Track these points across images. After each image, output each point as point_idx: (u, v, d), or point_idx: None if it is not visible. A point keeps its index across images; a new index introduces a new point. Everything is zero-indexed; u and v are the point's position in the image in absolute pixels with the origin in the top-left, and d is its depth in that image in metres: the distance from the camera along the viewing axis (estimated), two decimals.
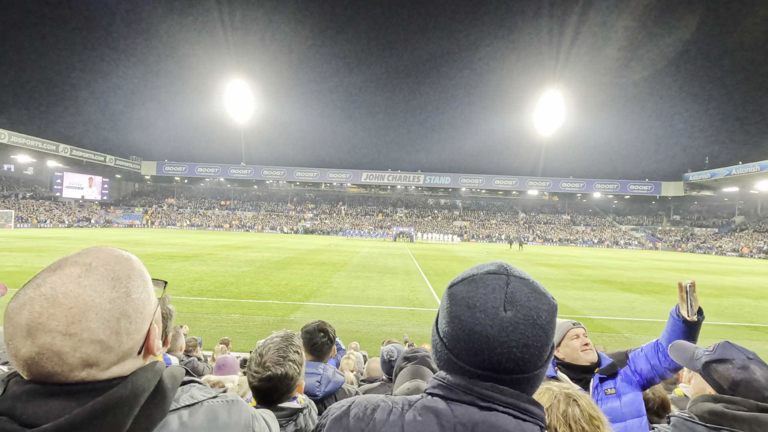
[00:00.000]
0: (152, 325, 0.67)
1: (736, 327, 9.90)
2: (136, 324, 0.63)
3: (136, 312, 0.63)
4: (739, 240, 51.44)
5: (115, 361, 0.60)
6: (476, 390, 0.66)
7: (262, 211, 67.82)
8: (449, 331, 0.69)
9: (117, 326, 0.60)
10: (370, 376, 3.57)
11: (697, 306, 1.85)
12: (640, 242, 58.22)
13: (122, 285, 0.62)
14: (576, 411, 1.15)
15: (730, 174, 50.99)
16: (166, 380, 0.64)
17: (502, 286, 0.68)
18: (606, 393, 1.88)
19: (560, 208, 73.09)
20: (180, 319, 8.36)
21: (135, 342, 0.63)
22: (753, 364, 1.23)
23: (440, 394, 0.69)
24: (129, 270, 0.65)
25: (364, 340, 7.51)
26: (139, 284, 0.65)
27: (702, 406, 1.20)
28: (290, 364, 1.34)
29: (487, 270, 0.72)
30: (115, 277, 0.62)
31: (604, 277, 18.62)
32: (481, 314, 0.66)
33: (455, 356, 0.68)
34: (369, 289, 13.14)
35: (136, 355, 0.64)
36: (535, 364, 0.67)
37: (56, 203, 55.05)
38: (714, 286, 17.09)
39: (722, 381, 1.24)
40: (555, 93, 70.76)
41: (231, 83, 72.95)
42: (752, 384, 1.19)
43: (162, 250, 23.09)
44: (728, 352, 1.27)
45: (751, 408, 1.14)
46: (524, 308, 0.66)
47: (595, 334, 8.66)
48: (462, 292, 0.70)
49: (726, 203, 64.75)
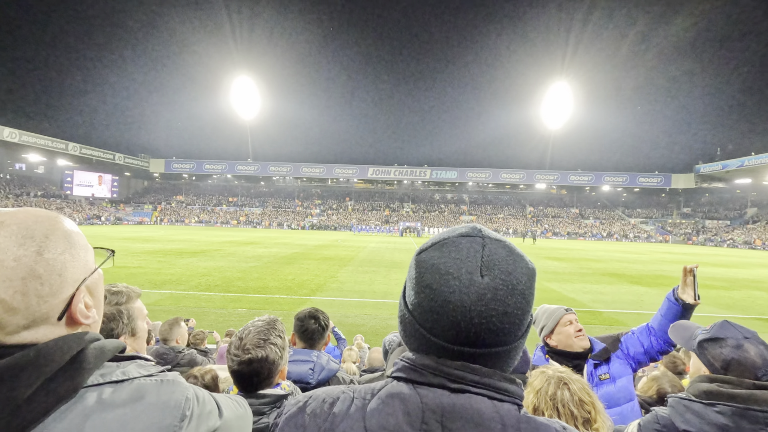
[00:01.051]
0: (78, 290, 0.61)
1: (748, 320, 9.77)
2: (51, 287, 0.57)
3: (51, 273, 0.57)
4: (752, 232, 50.65)
5: (25, 324, 0.55)
6: (445, 370, 0.59)
7: (269, 207, 68.17)
8: (419, 302, 0.61)
9: (23, 287, 0.54)
10: (371, 366, 3.57)
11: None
12: (649, 235, 57.60)
13: (33, 243, 0.57)
14: (565, 394, 1.13)
15: (743, 165, 50.13)
16: (89, 353, 0.58)
17: (477, 249, 0.60)
18: (600, 378, 1.86)
19: (568, 202, 72.50)
20: (188, 313, 8.44)
21: (51, 307, 0.57)
22: (748, 342, 1.19)
23: (406, 377, 0.61)
24: (48, 229, 0.59)
25: (370, 333, 7.52)
26: (58, 245, 0.59)
27: (698, 386, 1.17)
28: (271, 347, 1.27)
29: (460, 233, 0.63)
30: (27, 235, 0.57)
31: (612, 270, 18.46)
32: (455, 281, 0.58)
33: (427, 330, 0.60)
34: (375, 283, 13.16)
35: (55, 321, 0.58)
36: (515, 334, 0.60)
37: (67, 201, 55.80)
38: (725, 279, 16.87)
39: (714, 360, 1.21)
40: (563, 85, 70.10)
41: (237, 80, 73.29)
42: (745, 363, 1.16)
43: (171, 246, 23.32)
44: (724, 331, 1.23)
45: (748, 386, 1.11)
46: (503, 273, 0.58)
47: (603, 326, 8.59)
48: (432, 257, 0.61)
49: (738, 195, 63.72)
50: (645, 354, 1.94)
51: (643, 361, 1.96)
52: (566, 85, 70.37)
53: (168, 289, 11.01)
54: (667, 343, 1.93)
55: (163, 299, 9.75)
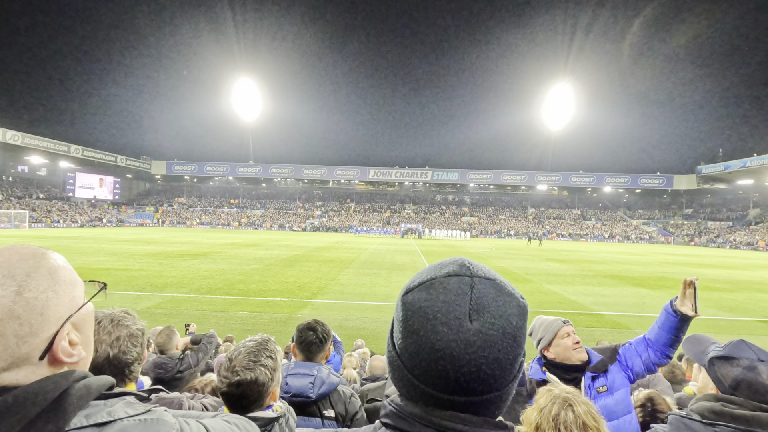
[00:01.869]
0: (61, 329, 0.58)
1: (750, 322, 9.73)
2: (31, 326, 0.55)
3: (31, 313, 0.55)
4: (754, 233, 50.46)
5: (4, 367, 0.53)
6: (434, 421, 0.56)
7: (271, 208, 68.24)
8: (406, 347, 0.58)
9: (1, 328, 0.52)
10: (372, 374, 3.56)
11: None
12: (651, 236, 57.46)
13: (14, 283, 0.55)
14: (569, 416, 1.11)
15: (745, 166, 50.01)
16: (72, 394, 0.55)
17: (466, 290, 0.57)
18: (598, 391, 1.85)
19: (570, 203, 72.39)
20: (189, 317, 8.44)
21: (31, 347, 0.55)
22: (762, 365, 1.15)
23: (394, 425, 0.59)
24: (30, 268, 0.57)
25: (371, 337, 7.51)
26: (41, 283, 0.57)
27: (702, 405, 1.15)
28: (261, 369, 1.25)
29: (447, 272, 0.60)
30: (8, 274, 0.55)
31: (614, 272, 18.40)
32: (443, 327, 0.55)
33: (415, 377, 0.57)
34: (377, 286, 13.14)
35: (36, 361, 0.55)
36: (506, 378, 0.57)
37: (69, 203, 55.98)
38: (728, 281, 16.80)
39: (724, 379, 1.18)
40: (564, 86, 70.03)
41: (239, 82, 73.46)
42: (755, 385, 1.13)
43: (172, 248, 23.35)
44: (738, 351, 1.20)
45: (753, 408, 1.09)
46: (492, 316, 0.56)
47: (605, 329, 8.56)
48: (419, 300, 0.58)
49: (740, 196, 63.51)
50: (643, 365, 1.93)
51: (641, 372, 1.94)
52: (568, 87, 70.36)
53: (169, 291, 11.01)
54: (665, 355, 1.92)
55: (165, 302, 9.76)
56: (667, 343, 1.90)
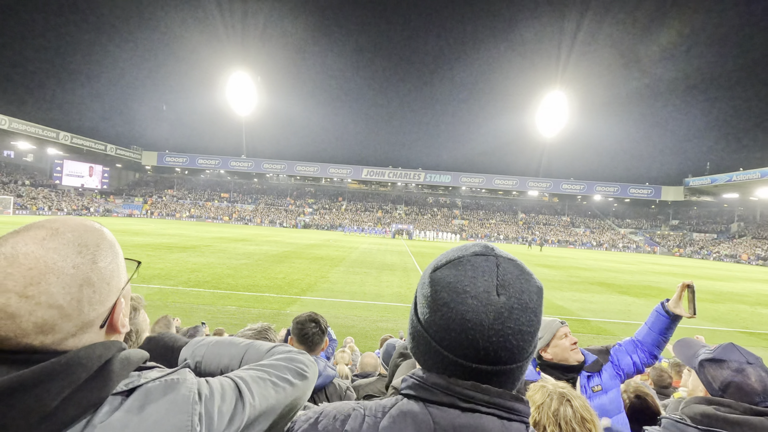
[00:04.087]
0: (119, 299, 0.62)
1: (732, 332, 9.92)
2: (101, 294, 0.59)
3: (102, 282, 0.59)
4: (737, 246, 51.48)
5: (74, 332, 0.55)
6: (456, 390, 0.60)
7: (262, 204, 67.74)
8: (435, 321, 0.62)
9: (79, 293, 0.56)
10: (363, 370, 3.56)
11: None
12: (638, 246, 58.27)
13: (89, 252, 0.59)
14: (568, 411, 1.13)
15: (731, 180, 50.94)
16: (116, 363, 0.58)
17: (492, 268, 0.62)
18: (593, 390, 1.89)
19: (560, 210, 73.09)
20: (176, 309, 8.36)
21: (98, 314, 0.58)
22: (750, 368, 1.19)
23: (416, 396, 0.63)
24: (98, 239, 0.61)
25: (360, 335, 7.50)
26: (107, 254, 0.61)
27: (693, 408, 1.17)
28: None
29: (474, 251, 0.65)
30: (83, 243, 0.59)
31: (601, 280, 18.64)
32: (473, 300, 0.59)
33: (444, 348, 0.61)
34: (366, 284, 13.13)
35: (98, 328, 0.59)
36: (527, 351, 0.62)
37: (56, 191, 54.90)
38: (711, 292, 17.13)
39: (714, 381, 1.21)
40: (557, 94, 70.64)
41: (233, 75, 72.77)
42: (744, 388, 1.16)
43: (160, 240, 23.06)
44: (728, 354, 1.24)
45: (745, 411, 1.11)
46: (517, 291, 0.61)
47: (591, 335, 8.66)
48: (449, 276, 0.63)
49: (725, 209, 64.74)
50: (633, 365, 1.99)
51: (630, 373, 2.00)
52: (560, 95, 70.96)
53: (156, 283, 10.88)
54: (652, 356, 1.99)
55: (152, 294, 9.63)
56: (654, 344, 1.99)
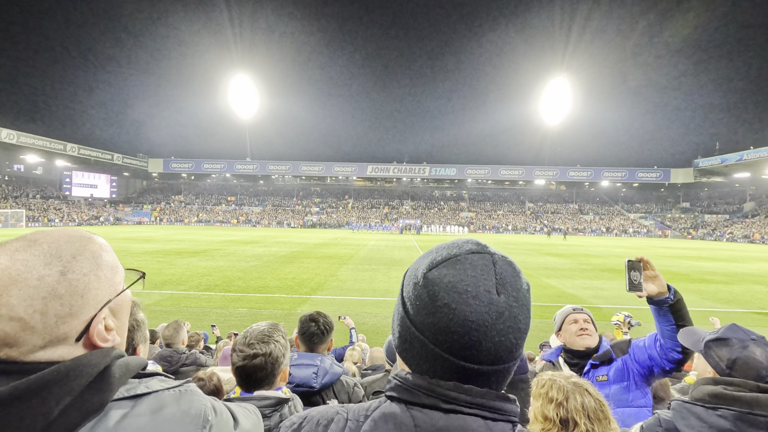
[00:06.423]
0: (99, 313, 0.60)
1: (747, 313, 9.80)
2: (71, 307, 0.56)
3: (73, 294, 0.57)
4: (751, 226, 50.69)
5: (41, 345, 0.54)
6: (438, 391, 0.58)
7: (269, 205, 68.10)
8: (434, 323, 0.59)
9: (43, 306, 0.54)
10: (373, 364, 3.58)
11: (635, 282, 1.64)
12: (649, 230, 57.65)
13: (59, 263, 0.57)
14: (591, 402, 1.18)
15: (741, 159, 50.15)
16: (115, 369, 0.58)
17: (489, 266, 0.61)
18: (597, 380, 1.90)
19: (568, 198, 72.51)
20: (188, 314, 8.45)
21: (69, 328, 0.56)
22: (754, 344, 1.20)
23: (399, 397, 0.61)
24: (76, 250, 0.59)
25: (370, 332, 7.53)
26: (84, 266, 0.59)
27: (702, 389, 1.18)
28: (275, 344, 1.31)
29: (469, 249, 0.63)
30: (55, 254, 0.57)
31: (612, 266, 18.45)
32: (474, 300, 0.57)
33: (444, 351, 0.58)
34: (376, 281, 13.17)
35: (73, 342, 0.57)
36: (521, 348, 0.61)
37: (66, 202, 55.68)
38: (725, 273, 16.90)
39: (720, 360, 1.23)
40: (561, 80, 69.92)
41: (235, 79, 73.03)
42: (750, 363, 1.17)
43: (170, 246, 23.31)
44: (731, 332, 1.25)
45: (752, 389, 1.12)
46: (514, 290, 0.60)
47: (603, 323, 8.61)
48: (447, 275, 0.60)
49: (737, 189, 63.73)
50: (650, 360, 1.84)
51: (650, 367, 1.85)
52: (565, 81, 70.22)
53: (168, 289, 11.01)
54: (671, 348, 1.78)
55: (164, 300, 9.75)
56: (665, 335, 1.81)
